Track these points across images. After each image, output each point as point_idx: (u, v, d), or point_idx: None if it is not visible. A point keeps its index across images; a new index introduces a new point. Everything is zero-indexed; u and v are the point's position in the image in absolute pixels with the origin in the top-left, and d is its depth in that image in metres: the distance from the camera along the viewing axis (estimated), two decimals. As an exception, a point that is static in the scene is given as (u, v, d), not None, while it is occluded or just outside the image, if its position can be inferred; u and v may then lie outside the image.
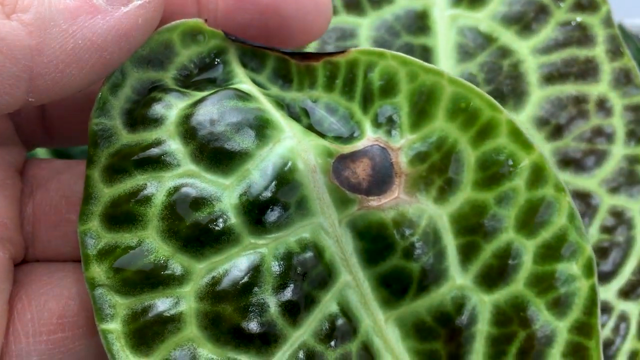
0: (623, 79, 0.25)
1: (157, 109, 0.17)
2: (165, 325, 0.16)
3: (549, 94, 0.25)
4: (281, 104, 0.18)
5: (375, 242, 0.17)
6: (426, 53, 0.26)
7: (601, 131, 0.25)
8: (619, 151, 0.25)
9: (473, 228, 0.17)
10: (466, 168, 0.17)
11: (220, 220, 0.17)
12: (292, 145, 0.17)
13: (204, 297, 0.16)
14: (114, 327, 0.16)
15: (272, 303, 0.16)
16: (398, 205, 0.17)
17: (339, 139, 0.18)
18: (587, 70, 0.25)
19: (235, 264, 0.16)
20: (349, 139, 0.18)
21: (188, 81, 0.18)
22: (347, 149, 0.18)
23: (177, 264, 0.16)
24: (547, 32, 0.26)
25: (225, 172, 0.17)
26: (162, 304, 0.16)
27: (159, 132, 0.17)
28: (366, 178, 0.17)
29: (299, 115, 0.18)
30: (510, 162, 0.17)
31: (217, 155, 0.17)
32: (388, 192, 0.17)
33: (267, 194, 0.17)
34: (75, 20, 0.16)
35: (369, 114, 0.18)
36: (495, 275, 0.17)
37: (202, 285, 0.16)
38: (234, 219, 0.17)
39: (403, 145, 0.17)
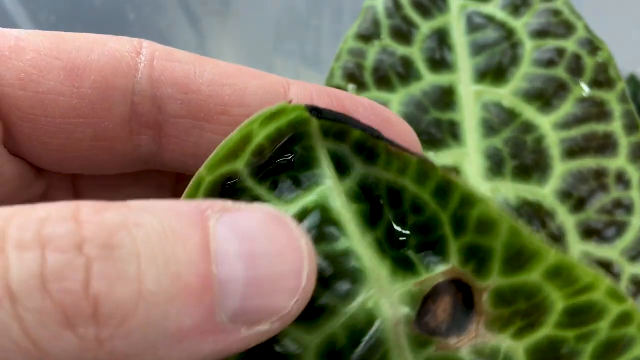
0: (639, 153, 0.27)
1: None
2: None
3: (571, 168, 0.27)
4: (361, 194, 0.17)
5: None
6: (453, 127, 0.27)
7: (621, 203, 0.26)
8: (637, 222, 0.26)
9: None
10: (552, 313, 0.17)
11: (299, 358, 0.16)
12: (378, 302, 0.16)
13: None
14: None
15: None
16: (476, 344, 0.17)
17: (415, 257, 0.17)
18: (606, 145, 0.27)
19: None
20: (428, 261, 0.17)
21: (263, 166, 0.17)
22: (428, 282, 0.17)
23: None
24: (567, 108, 0.27)
25: (308, 328, 0.16)
26: None
27: None
28: (446, 319, 0.17)
29: (381, 205, 0.17)
30: (601, 312, 0.17)
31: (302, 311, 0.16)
32: (467, 331, 0.17)
33: (351, 355, 0.16)
34: (178, 345, 0.13)
35: (460, 240, 0.17)
36: None
37: None
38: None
39: (490, 286, 0.16)
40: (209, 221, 0.14)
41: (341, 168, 0.17)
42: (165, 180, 0.20)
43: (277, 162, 0.17)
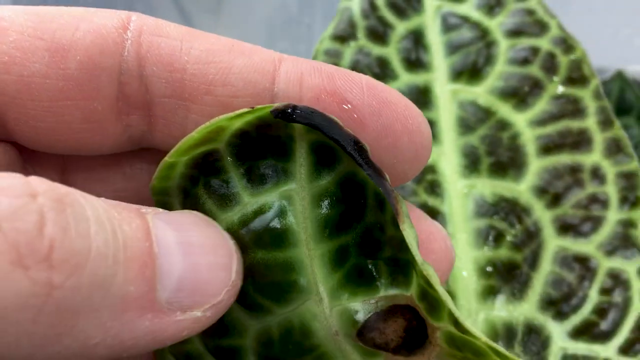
0: (614, 148, 0.27)
1: None
2: None
3: (547, 164, 0.27)
4: (340, 195, 0.17)
5: None
6: (430, 126, 0.28)
7: (596, 198, 0.27)
8: (613, 216, 0.27)
9: None
10: None
11: (239, 352, 0.17)
12: (314, 312, 0.16)
13: None
14: None
15: None
16: None
17: (380, 273, 0.16)
18: (580, 141, 0.27)
19: None
20: (392, 280, 0.16)
21: (246, 147, 0.17)
22: (383, 301, 0.16)
23: None
24: (542, 105, 0.28)
25: (250, 314, 0.17)
26: None
27: None
28: (395, 339, 0.16)
29: (360, 207, 0.17)
30: None
31: (243, 303, 0.16)
32: (417, 355, 0.16)
33: (282, 354, 0.16)
34: (121, 315, 0.13)
35: (419, 279, 0.16)
36: None
37: None
38: (250, 357, 0.17)
39: (442, 328, 0.16)
40: (146, 215, 0.15)
41: (325, 161, 0.16)
42: (159, 159, 0.19)
43: (259, 145, 0.16)
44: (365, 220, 0.16)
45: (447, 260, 0.19)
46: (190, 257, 0.15)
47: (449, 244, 0.19)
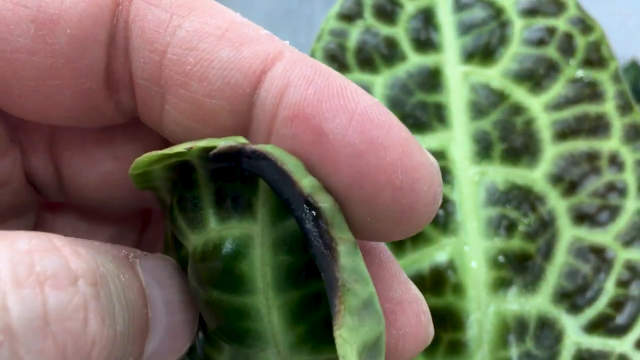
0: (633, 134, 0.26)
1: (177, 232, 0.15)
2: None
3: (562, 151, 0.26)
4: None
5: None
6: (439, 110, 0.27)
7: (614, 186, 0.25)
8: (631, 205, 0.25)
9: None
10: None
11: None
12: None
13: None
14: None
15: None
16: None
17: None
18: (598, 127, 0.26)
19: None
20: None
21: (216, 165, 0.15)
22: None
23: None
24: (558, 88, 0.26)
25: (213, 348, 0.16)
26: None
27: (184, 253, 0.16)
28: None
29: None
30: None
31: (205, 328, 0.16)
32: None
33: None
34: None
35: None
36: None
37: None
38: None
39: None
40: (135, 266, 0.14)
41: None
42: (153, 134, 0.17)
43: (227, 167, 0.14)
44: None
45: (418, 340, 0.16)
46: (171, 316, 0.15)
47: (424, 321, 0.16)
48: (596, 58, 0.26)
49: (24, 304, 0.11)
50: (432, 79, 0.27)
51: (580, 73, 0.26)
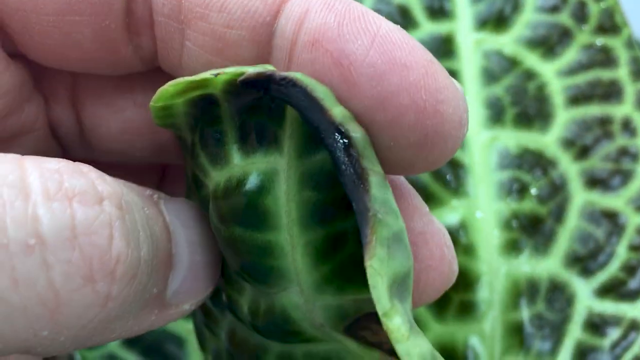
0: (646, 100, 0.26)
1: (198, 170, 0.15)
2: None
3: (575, 116, 0.26)
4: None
5: None
6: (452, 76, 0.27)
7: (626, 151, 0.26)
8: (644, 171, 0.25)
9: None
10: None
11: (238, 306, 0.16)
12: (296, 302, 0.14)
13: None
14: None
15: None
16: None
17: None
18: (611, 92, 0.26)
19: (246, 339, 0.16)
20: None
21: (242, 97, 0.14)
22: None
23: (221, 303, 0.17)
24: (571, 54, 0.26)
25: (234, 289, 0.16)
26: (211, 320, 0.17)
27: (206, 192, 0.15)
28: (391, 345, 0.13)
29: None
30: None
31: (228, 265, 0.16)
32: None
33: (266, 329, 0.15)
34: (140, 313, 0.14)
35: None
36: None
37: (227, 331, 0.16)
38: (245, 317, 0.16)
39: None
40: (160, 205, 0.15)
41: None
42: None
43: (254, 99, 0.14)
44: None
45: (442, 275, 0.15)
46: (193, 255, 0.15)
47: (447, 254, 0.15)
48: (609, 25, 0.27)
49: (53, 215, 0.12)
50: (445, 47, 0.27)
51: (593, 39, 0.26)
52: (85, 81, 0.18)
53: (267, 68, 0.13)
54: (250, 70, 0.13)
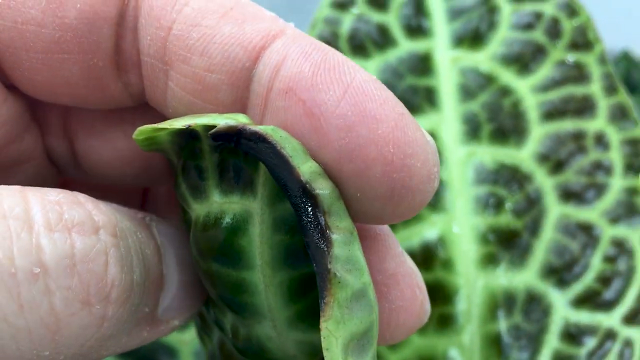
0: (619, 114, 0.26)
1: (181, 199, 0.16)
2: None
3: (549, 131, 0.27)
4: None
5: None
6: (430, 93, 0.27)
7: (600, 165, 0.26)
8: (617, 183, 0.26)
9: None
10: None
11: (224, 325, 0.17)
12: (269, 335, 0.15)
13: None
14: None
15: None
16: None
17: None
18: (584, 107, 0.27)
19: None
20: None
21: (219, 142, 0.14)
22: None
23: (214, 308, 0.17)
24: (545, 71, 0.27)
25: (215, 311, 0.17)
26: (206, 328, 0.18)
27: (188, 218, 0.16)
28: None
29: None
30: None
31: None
32: None
33: (246, 355, 0.16)
34: (132, 331, 0.15)
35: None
36: None
37: (219, 340, 0.17)
38: (230, 335, 0.17)
39: None
40: (151, 228, 0.15)
41: None
42: (163, 117, 0.18)
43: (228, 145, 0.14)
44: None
45: (413, 316, 0.15)
46: (182, 275, 0.16)
47: (419, 295, 0.15)
48: (582, 41, 0.27)
49: (55, 245, 0.13)
50: (422, 64, 0.28)
51: (566, 55, 0.27)
52: (77, 114, 0.18)
53: (239, 120, 0.14)
54: (222, 123, 0.13)
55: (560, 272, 0.26)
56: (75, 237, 0.13)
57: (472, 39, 0.28)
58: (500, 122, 0.27)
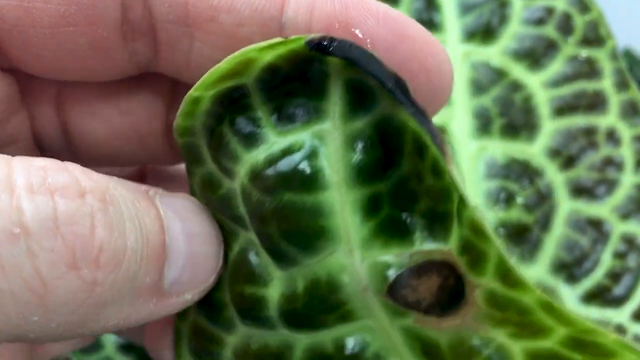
0: (630, 110, 0.26)
1: (225, 160, 0.16)
2: (208, 356, 0.17)
3: (560, 126, 0.27)
4: (376, 138, 0.15)
5: (427, 355, 0.16)
6: (441, 88, 0.27)
7: (611, 161, 0.26)
8: (628, 179, 0.26)
9: None
10: (553, 336, 0.14)
11: (260, 303, 0.16)
12: (344, 264, 0.15)
13: (237, 355, 0.17)
14: (183, 328, 0.17)
15: None
16: (460, 331, 0.15)
17: (416, 226, 0.15)
18: (595, 103, 0.27)
19: (267, 344, 0.16)
20: (429, 234, 0.15)
21: (276, 83, 0.15)
22: (418, 256, 0.15)
23: (229, 314, 0.17)
24: (557, 66, 0.27)
25: (275, 264, 0.16)
26: (210, 338, 0.17)
27: (231, 183, 0.16)
28: (428, 298, 0.15)
29: (396, 154, 0.15)
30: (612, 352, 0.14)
31: (269, 248, 0.16)
32: (451, 317, 0.15)
33: (306, 309, 0.16)
34: (135, 301, 0.15)
35: (461, 229, 0.15)
36: None
37: (240, 343, 0.17)
38: (271, 311, 0.16)
39: (482, 285, 0.14)
40: (156, 201, 0.15)
41: (362, 101, 0.15)
42: (158, 90, 0.19)
43: (290, 82, 0.15)
44: (401, 168, 0.15)
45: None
46: (191, 246, 0.16)
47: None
48: (594, 37, 0.27)
49: (36, 207, 0.13)
50: (433, 58, 0.28)
51: (578, 51, 0.27)
52: (71, 92, 0.19)
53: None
54: (312, 35, 0.15)
55: (570, 268, 0.26)
56: (58, 199, 0.13)
57: (484, 33, 0.28)
58: (511, 117, 0.27)
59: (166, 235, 0.15)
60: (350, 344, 0.16)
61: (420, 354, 0.16)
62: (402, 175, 0.15)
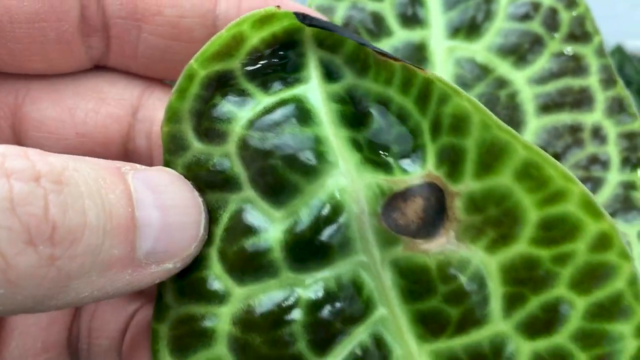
0: (617, 108, 0.26)
1: (218, 124, 0.18)
2: (199, 338, 0.17)
3: (546, 123, 0.26)
4: (348, 100, 0.18)
5: (416, 283, 0.17)
6: (425, 84, 0.27)
7: (597, 159, 0.26)
8: (614, 178, 0.26)
9: (522, 280, 0.16)
10: (525, 226, 0.16)
11: (263, 251, 0.17)
12: (343, 185, 0.17)
13: (237, 322, 0.17)
14: (162, 328, 0.18)
15: (302, 338, 0.17)
16: (445, 251, 0.17)
17: (394, 162, 0.18)
18: (581, 100, 0.26)
19: (271, 297, 0.17)
20: (406, 165, 0.18)
21: (258, 67, 0.18)
22: (401, 183, 0.17)
23: (222, 285, 0.17)
24: (542, 62, 0.27)
25: (277, 203, 0.17)
26: (200, 318, 0.18)
27: (223, 148, 0.18)
28: (416, 220, 0.17)
29: (365, 115, 0.18)
30: (575, 228, 0.16)
31: (270, 186, 0.17)
32: (437, 236, 0.17)
33: (311, 234, 0.17)
34: (106, 273, 0.15)
35: (436, 143, 0.17)
36: (539, 326, 0.17)
37: (237, 310, 0.17)
38: (275, 253, 0.17)
39: (461, 190, 0.17)
40: (126, 175, 0.16)
41: (331, 76, 0.18)
42: (116, 77, 0.21)
43: (270, 64, 0.18)
44: (371, 127, 0.18)
45: None
46: (165, 218, 0.17)
47: None
48: (580, 32, 0.27)
49: None
50: (417, 54, 0.27)
51: (564, 47, 0.27)
52: (27, 111, 0.20)
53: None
54: (293, 12, 0.18)
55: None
56: (14, 182, 0.14)
57: (468, 29, 0.27)
58: (496, 114, 0.26)
59: (135, 209, 0.16)
60: (348, 282, 0.17)
61: (407, 295, 0.17)
62: (373, 131, 0.18)
